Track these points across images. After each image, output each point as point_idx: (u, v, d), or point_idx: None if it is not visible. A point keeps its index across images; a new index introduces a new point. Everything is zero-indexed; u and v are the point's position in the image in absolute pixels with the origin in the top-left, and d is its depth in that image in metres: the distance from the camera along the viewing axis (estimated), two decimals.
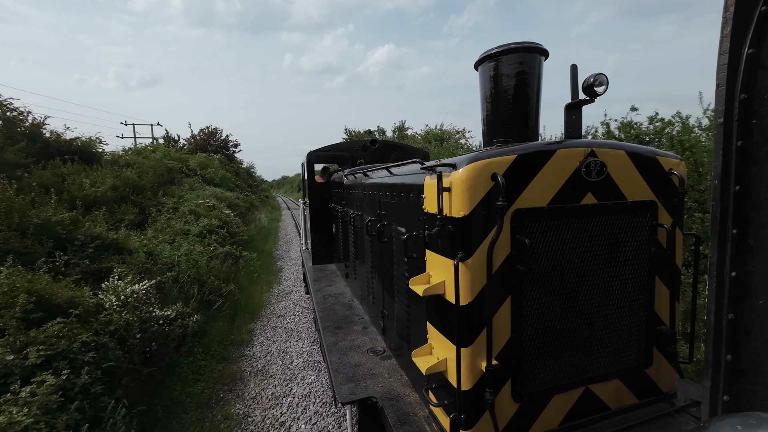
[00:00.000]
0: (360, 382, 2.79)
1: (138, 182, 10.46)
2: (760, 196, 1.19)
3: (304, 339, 6.39)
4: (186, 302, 6.16)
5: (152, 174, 12.18)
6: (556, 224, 2.03)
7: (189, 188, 13.97)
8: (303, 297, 8.64)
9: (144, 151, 16.26)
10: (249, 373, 5.37)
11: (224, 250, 9.10)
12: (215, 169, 20.15)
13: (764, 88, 1.16)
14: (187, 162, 18.00)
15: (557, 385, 2.14)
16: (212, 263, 8.02)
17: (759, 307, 1.21)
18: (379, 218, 3.30)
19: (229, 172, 23.66)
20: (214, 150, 28.82)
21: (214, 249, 8.77)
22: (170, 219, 9.58)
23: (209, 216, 10.70)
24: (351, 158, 6.66)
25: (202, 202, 11.79)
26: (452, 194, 1.93)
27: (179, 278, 6.58)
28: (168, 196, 11.45)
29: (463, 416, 1.97)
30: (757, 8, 1.13)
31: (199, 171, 17.78)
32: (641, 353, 2.33)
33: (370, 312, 4.01)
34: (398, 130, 25.26)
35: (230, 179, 22.03)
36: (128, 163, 12.11)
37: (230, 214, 12.67)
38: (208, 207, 11.83)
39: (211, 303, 7.02)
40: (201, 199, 12.20)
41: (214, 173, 19.21)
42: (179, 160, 17.14)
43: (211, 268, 7.75)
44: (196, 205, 11.23)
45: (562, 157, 2.00)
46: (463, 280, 1.89)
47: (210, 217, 10.59)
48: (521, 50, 2.34)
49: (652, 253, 2.26)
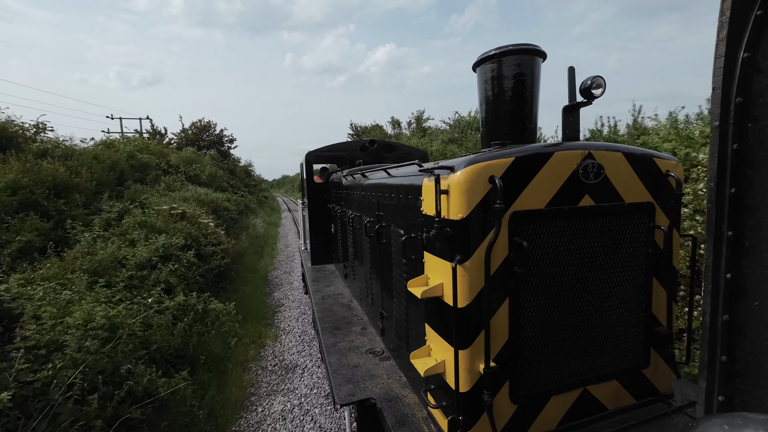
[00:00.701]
0: (359, 384, 2.79)
1: (69, 181, 7.50)
2: (755, 198, 1.20)
3: None
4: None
5: (100, 170, 9.14)
6: (554, 226, 2.04)
7: (166, 188, 11.66)
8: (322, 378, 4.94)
9: (115, 144, 13.85)
10: None
11: (174, 304, 5.10)
12: (204, 165, 17.50)
13: (759, 91, 1.17)
14: (168, 157, 15.51)
15: (555, 387, 2.15)
16: (151, 332, 4.38)
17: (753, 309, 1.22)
18: (378, 219, 3.30)
19: (222, 169, 21.18)
20: (207, 145, 25.96)
21: (153, 304, 4.84)
22: (102, 238, 6.25)
23: (172, 230, 7.36)
24: (349, 158, 6.66)
25: (166, 209, 8.41)
26: (450, 197, 1.93)
27: (50, 389, 3.07)
28: (117, 201, 8.52)
29: (461, 418, 1.98)
30: (752, 13, 1.14)
31: (183, 167, 15.32)
32: (638, 354, 2.34)
33: (369, 313, 4.02)
34: (416, 121, 23.12)
35: (223, 178, 19.62)
36: (67, 155, 9.20)
37: (210, 224, 9.14)
38: (173, 216, 8.34)
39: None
40: (167, 205, 8.80)
41: (201, 170, 16.55)
42: (159, 155, 14.86)
43: (143, 341, 4.17)
44: (156, 214, 7.95)
45: (560, 160, 2.00)
46: (461, 282, 1.90)
47: (172, 232, 7.24)
48: (519, 52, 2.34)
49: (650, 254, 2.27)
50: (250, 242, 14.09)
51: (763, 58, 1.15)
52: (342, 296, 4.90)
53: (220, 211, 12.59)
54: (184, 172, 15.12)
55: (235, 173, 26.36)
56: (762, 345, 1.20)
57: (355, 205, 4.37)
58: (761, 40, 1.14)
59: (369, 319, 4.01)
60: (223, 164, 23.60)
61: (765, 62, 1.15)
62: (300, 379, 4.94)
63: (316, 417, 4.14)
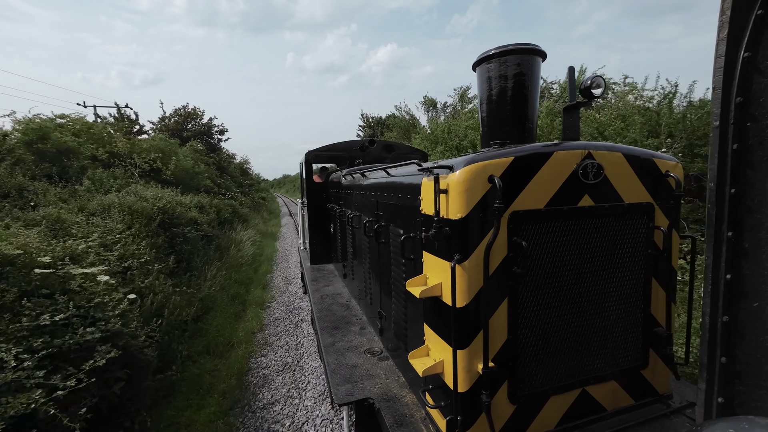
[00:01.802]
0: (357, 383, 2.79)
1: None
2: (755, 199, 1.20)
3: None
4: None
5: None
6: (553, 226, 2.03)
7: (91, 187, 7.97)
8: None
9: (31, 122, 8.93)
10: None
11: None
12: (168, 156, 12.66)
13: (759, 91, 1.16)
14: (114, 144, 11.22)
15: (554, 387, 2.14)
16: None
17: (753, 310, 1.21)
18: (377, 219, 3.29)
19: (207, 164, 17.61)
20: (193, 137, 21.48)
21: None
22: None
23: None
24: (349, 158, 6.66)
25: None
26: (449, 196, 1.93)
27: None
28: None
29: (460, 418, 1.98)
30: (752, 12, 1.13)
31: (136, 158, 11.26)
32: (637, 355, 2.33)
33: (368, 312, 4.01)
34: (460, 99, 19.69)
35: (204, 174, 15.73)
36: None
37: (100, 281, 3.83)
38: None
39: None
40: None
41: (165, 162, 12.14)
42: (99, 141, 10.87)
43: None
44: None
45: (560, 159, 2.00)
46: (459, 282, 1.89)
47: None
48: (519, 52, 2.34)
49: (649, 255, 2.27)
50: (228, 278, 8.77)
51: (763, 58, 1.15)
52: (341, 296, 4.89)
53: (175, 227, 7.62)
54: (136, 164, 11.09)
55: (227, 170, 22.80)
56: (761, 346, 1.20)
57: (355, 205, 4.37)
58: (761, 40, 1.14)
59: (368, 319, 4.00)
60: (209, 158, 19.90)
61: (765, 62, 1.14)
62: None
63: None
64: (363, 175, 4.08)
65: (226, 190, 18.27)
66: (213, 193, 15.43)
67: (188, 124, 22.40)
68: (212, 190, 15.68)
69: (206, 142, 22.42)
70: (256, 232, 15.19)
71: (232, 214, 14.81)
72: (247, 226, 15.39)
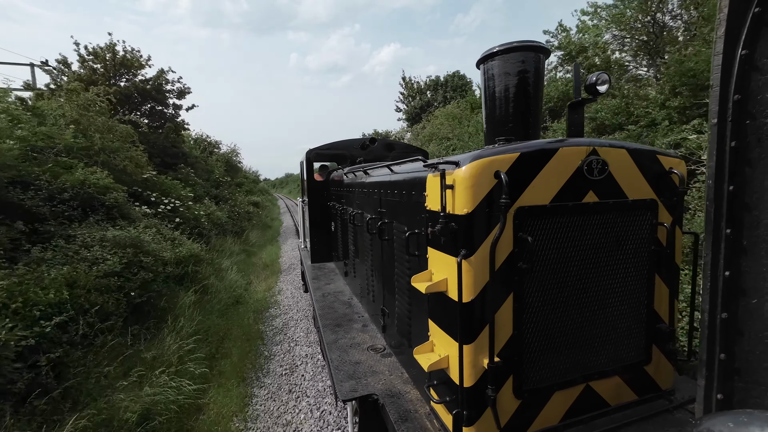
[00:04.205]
0: (361, 380, 2.79)
1: None
2: (753, 196, 1.20)
3: None
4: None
5: None
6: (558, 222, 2.04)
7: None
8: None
9: None
10: None
11: None
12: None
13: (757, 89, 1.17)
14: None
15: (558, 382, 2.16)
16: None
17: (752, 306, 1.22)
18: (380, 216, 3.30)
19: (134, 144, 9.62)
20: (128, 96, 12.62)
21: None
22: None
23: None
24: (350, 156, 6.66)
25: None
26: (455, 192, 1.93)
27: None
28: None
29: (466, 413, 1.98)
30: (750, 10, 1.14)
31: None
32: (641, 350, 2.35)
33: (370, 310, 4.02)
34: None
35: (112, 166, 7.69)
36: None
37: None
38: None
39: None
40: None
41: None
42: None
43: None
44: None
45: (565, 156, 2.01)
46: (465, 277, 1.90)
47: None
48: (523, 49, 2.35)
49: (652, 251, 2.28)
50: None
51: (760, 56, 1.15)
52: (342, 294, 4.90)
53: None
54: None
55: (194, 164, 14.85)
56: (760, 343, 1.21)
57: (357, 203, 4.37)
58: (759, 38, 1.15)
59: (370, 317, 4.01)
60: (149, 131, 12.73)
61: (763, 59, 1.15)
62: None
63: None
64: (365, 172, 4.08)
65: (180, 200, 9.65)
66: (147, 202, 8.12)
67: (119, 76, 13.03)
68: (142, 195, 8.23)
69: (152, 109, 14.02)
70: (228, 293, 7.49)
71: (176, 265, 6.56)
72: (210, 279, 7.37)
